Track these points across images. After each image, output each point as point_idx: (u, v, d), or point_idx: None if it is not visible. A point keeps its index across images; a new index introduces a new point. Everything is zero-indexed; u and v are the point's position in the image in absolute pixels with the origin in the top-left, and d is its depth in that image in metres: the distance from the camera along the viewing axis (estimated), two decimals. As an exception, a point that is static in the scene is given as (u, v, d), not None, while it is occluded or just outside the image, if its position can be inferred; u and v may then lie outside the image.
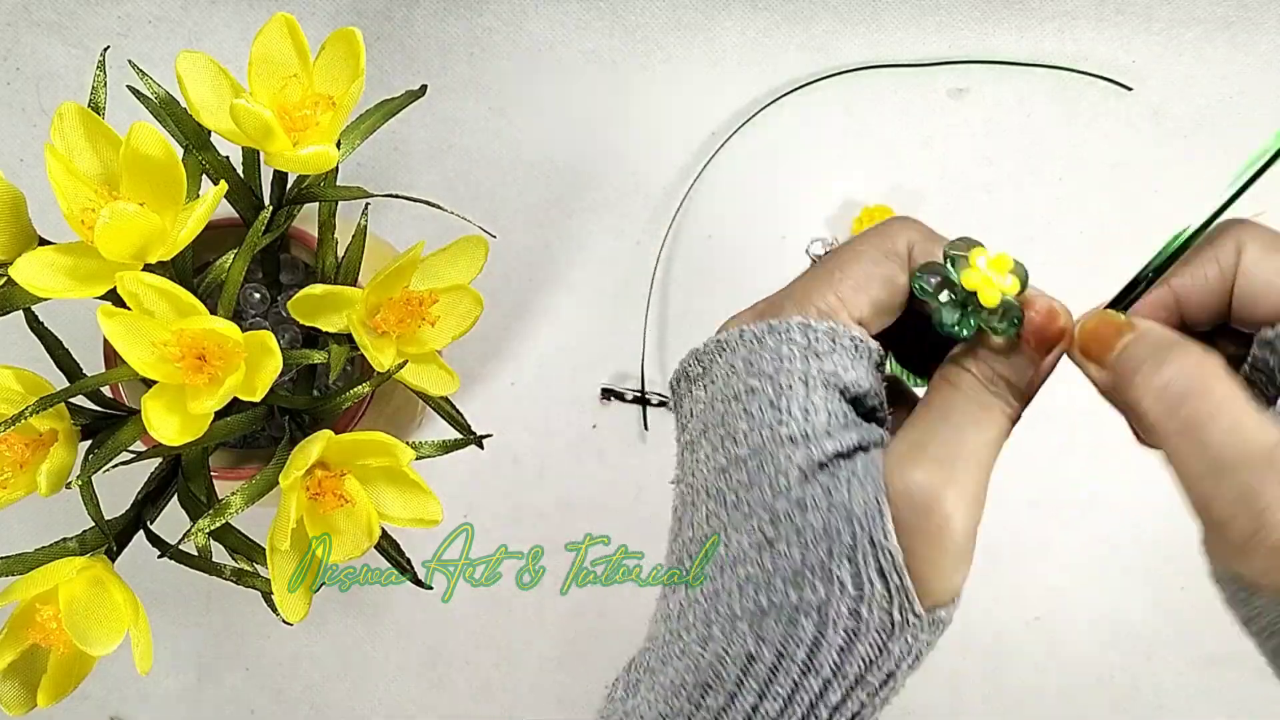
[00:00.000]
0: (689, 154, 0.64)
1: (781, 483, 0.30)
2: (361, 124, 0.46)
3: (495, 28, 0.64)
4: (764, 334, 0.31)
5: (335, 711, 0.63)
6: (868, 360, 0.32)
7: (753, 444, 0.30)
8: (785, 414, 0.30)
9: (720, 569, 0.31)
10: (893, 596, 0.29)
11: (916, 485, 0.29)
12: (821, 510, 0.29)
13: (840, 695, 0.29)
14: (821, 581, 0.29)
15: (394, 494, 0.42)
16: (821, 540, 0.29)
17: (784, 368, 0.31)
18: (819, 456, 0.30)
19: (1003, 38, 0.63)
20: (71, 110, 0.39)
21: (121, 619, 0.39)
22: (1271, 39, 0.63)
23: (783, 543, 0.29)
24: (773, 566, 0.29)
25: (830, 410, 0.30)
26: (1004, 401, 0.31)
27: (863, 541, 0.29)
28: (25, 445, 0.40)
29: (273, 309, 0.50)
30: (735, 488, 0.30)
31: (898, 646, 0.29)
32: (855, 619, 0.29)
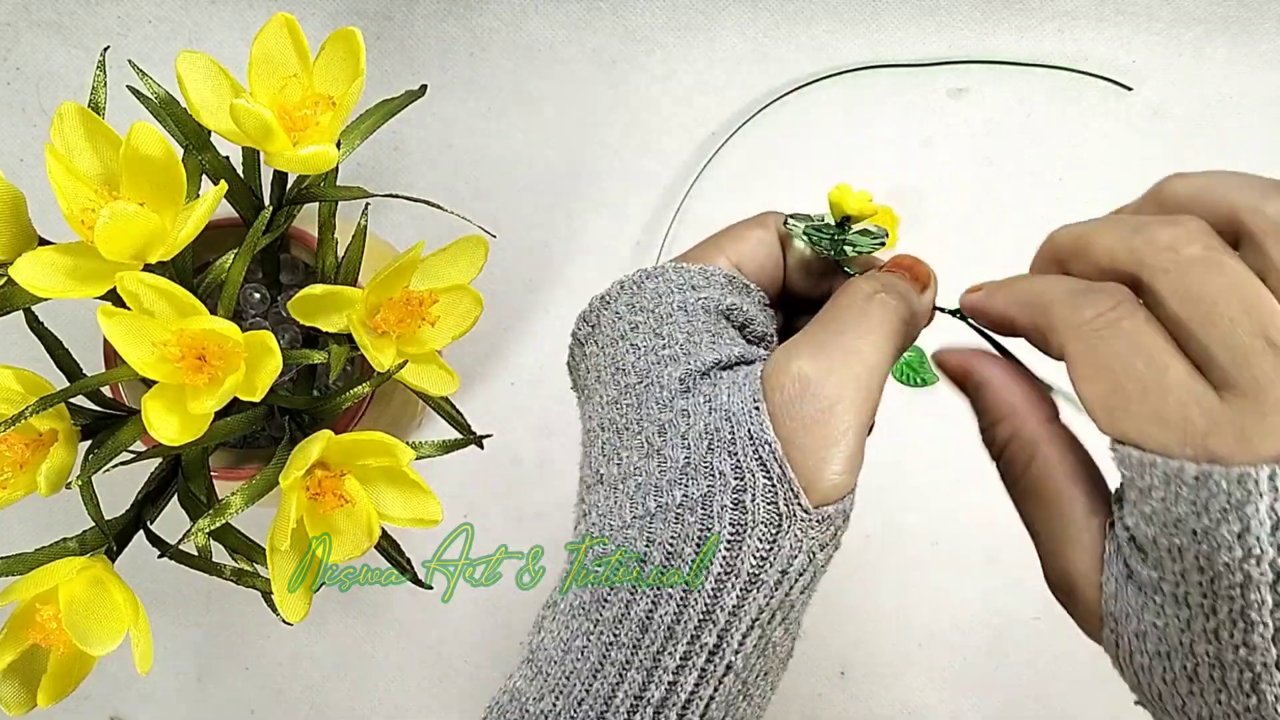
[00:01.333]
0: (689, 154, 0.64)
1: (664, 396, 0.31)
2: (361, 124, 0.46)
3: (495, 28, 0.64)
4: (642, 279, 0.33)
5: (335, 711, 0.63)
6: (748, 296, 0.34)
7: (639, 369, 0.32)
8: (667, 338, 0.32)
9: (611, 487, 0.31)
10: (775, 487, 0.29)
11: (796, 372, 0.30)
12: (702, 414, 0.30)
13: (737, 595, 0.29)
14: (704, 476, 0.29)
15: (394, 494, 0.42)
16: (702, 440, 0.30)
17: (662, 301, 0.32)
18: (699, 366, 0.31)
19: (1003, 38, 0.63)
20: (71, 110, 0.39)
21: (121, 619, 0.39)
22: (1271, 39, 0.63)
23: (668, 448, 0.30)
24: (659, 470, 0.30)
25: (712, 330, 0.32)
26: (894, 302, 0.32)
27: (741, 434, 0.30)
28: (25, 445, 0.40)
29: (273, 309, 0.50)
30: (625, 412, 0.32)
31: (787, 541, 0.29)
32: (739, 510, 0.29)
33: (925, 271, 0.35)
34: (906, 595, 0.62)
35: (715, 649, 0.29)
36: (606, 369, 0.33)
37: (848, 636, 0.61)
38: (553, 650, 0.30)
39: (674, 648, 0.29)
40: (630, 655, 0.29)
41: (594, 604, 0.30)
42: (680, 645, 0.29)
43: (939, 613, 0.61)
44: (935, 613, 0.61)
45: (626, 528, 0.30)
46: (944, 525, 0.61)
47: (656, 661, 0.29)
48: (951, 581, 0.61)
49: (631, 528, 0.30)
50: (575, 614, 0.30)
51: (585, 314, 0.35)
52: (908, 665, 0.62)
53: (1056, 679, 0.61)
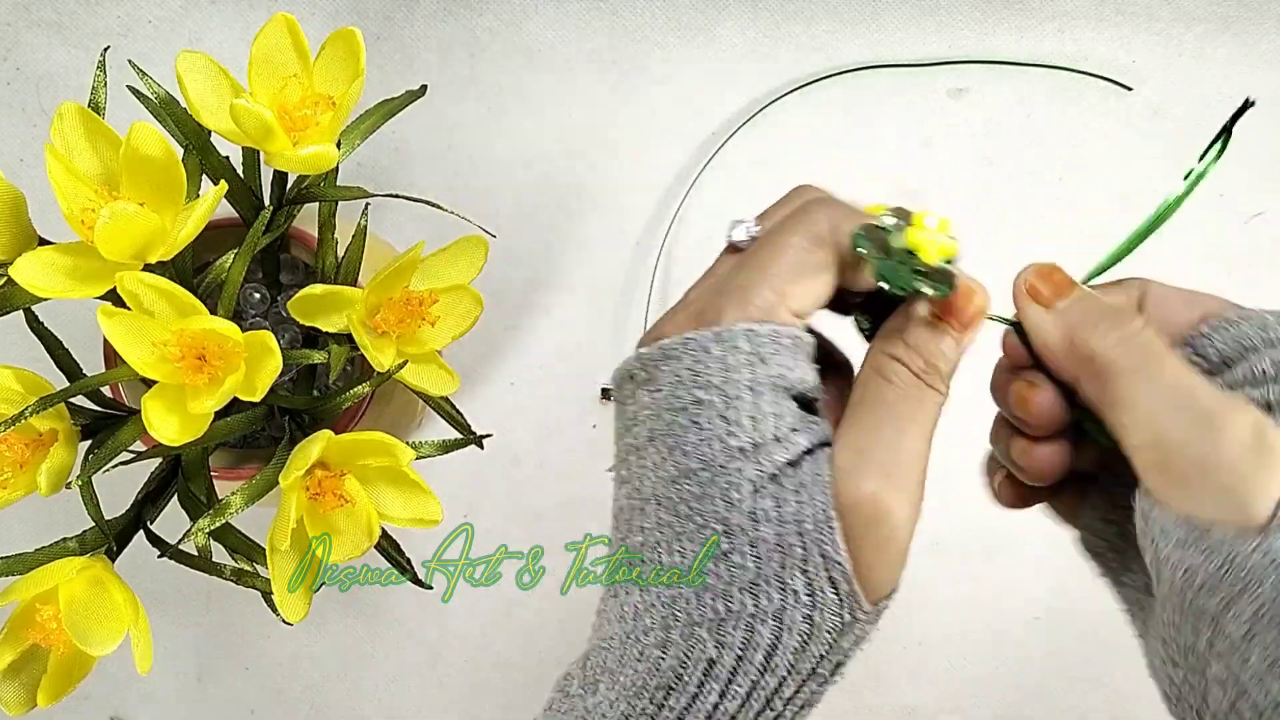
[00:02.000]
0: (689, 154, 0.64)
1: (734, 496, 0.31)
2: (361, 124, 0.46)
3: (495, 28, 0.64)
4: (709, 343, 0.32)
5: (335, 711, 0.63)
6: (807, 354, 0.33)
7: (703, 456, 0.31)
8: (734, 425, 0.31)
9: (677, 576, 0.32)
10: (843, 601, 0.30)
11: (866, 497, 0.31)
12: (773, 523, 0.30)
13: (794, 688, 0.31)
14: (777, 591, 0.30)
15: (394, 494, 0.42)
16: (775, 553, 0.30)
17: (731, 378, 0.31)
18: (770, 469, 0.31)
19: (1003, 38, 0.63)
20: (71, 110, 0.39)
21: (121, 619, 0.39)
22: (1271, 39, 0.63)
23: (737, 554, 0.31)
24: (729, 576, 0.31)
25: (778, 414, 0.31)
26: (935, 392, 0.32)
27: (814, 554, 0.30)
28: (25, 445, 0.40)
29: (273, 309, 0.50)
30: (686, 498, 0.31)
31: (847, 641, 0.31)
32: (809, 624, 0.30)
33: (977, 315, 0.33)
34: (906, 595, 0.61)
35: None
36: (663, 438, 0.32)
37: (848, 636, 0.61)
38: None
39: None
40: None
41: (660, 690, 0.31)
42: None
43: (939, 613, 0.61)
44: (935, 613, 0.61)
45: (695, 625, 0.31)
46: (944, 525, 0.61)
47: None
48: (951, 581, 0.61)
49: (701, 627, 0.31)
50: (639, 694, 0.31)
51: (644, 357, 0.33)
52: (908, 665, 0.62)
53: (1056, 679, 0.61)
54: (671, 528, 0.32)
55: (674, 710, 0.31)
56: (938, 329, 0.33)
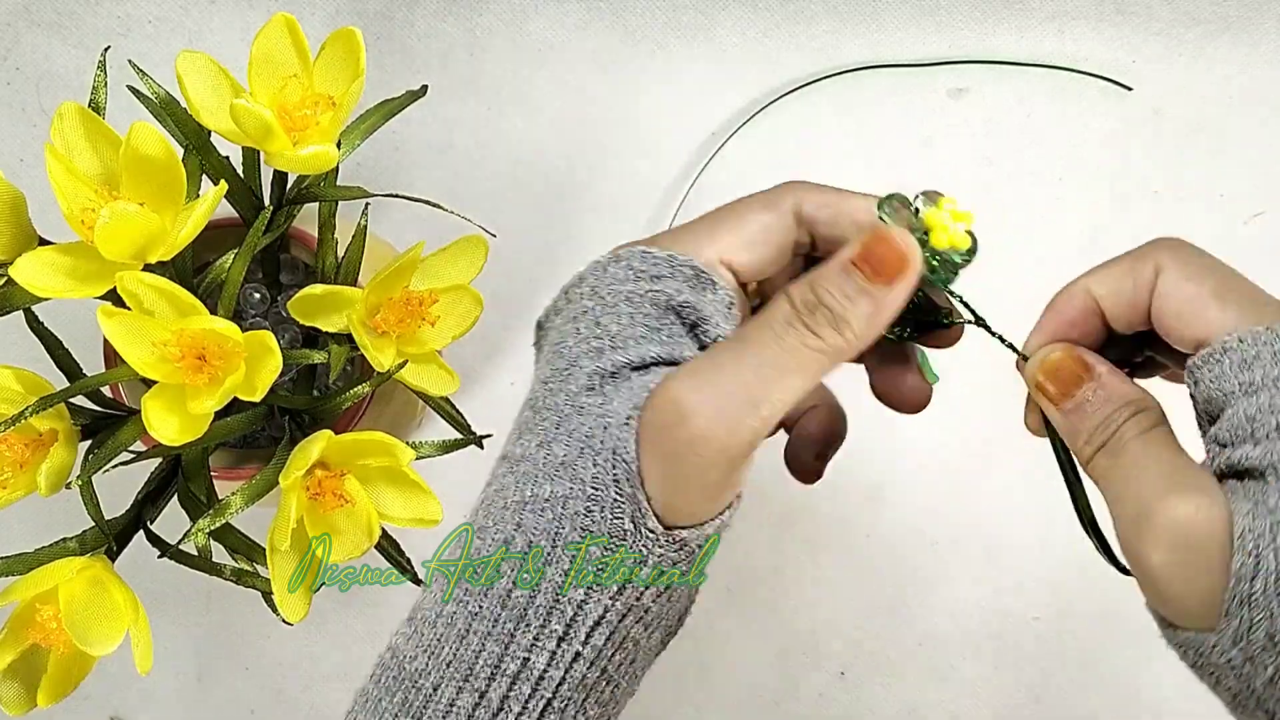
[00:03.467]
0: (689, 154, 0.64)
1: (573, 389, 0.32)
2: (361, 124, 0.46)
3: (495, 28, 0.64)
4: (609, 262, 0.33)
5: (335, 711, 0.63)
6: (711, 293, 0.33)
7: (569, 356, 0.32)
8: (602, 329, 0.32)
9: (509, 466, 0.33)
10: (623, 504, 0.30)
11: (672, 397, 0.30)
12: (590, 416, 0.31)
13: (581, 593, 0.31)
14: (569, 479, 0.31)
15: (394, 494, 0.42)
16: (578, 442, 0.31)
17: (614, 289, 0.32)
18: (608, 367, 0.31)
19: (1003, 38, 0.63)
20: (71, 110, 0.39)
21: (121, 619, 0.39)
22: (1271, 39, 0.63)
23: (555, 442, 0.31)
24: (544, 463, 0.31)
25: (651, 326, 0.32)
26: (808, 332, 0.30)
27: (607, 447, 0.30)
28: (25, 445, 0.40)
29: (273, 309, 0.50)
30: (544, 396, 0.32)
31: (631, 557, 0.31)
32: (589, 517, 0.30)
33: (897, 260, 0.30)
34: (906, 595, 0.61)
35: (563, 637, 0.31)
36: (551, 347, 0.33)
37: (848, 636, 0.61)
38: (429, 612, 0.33)
39: (526, 628, 0.31)
40: (490, 628, 0.31)
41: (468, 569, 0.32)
42: (532, 628, 0.31)
43: (939, 613, 0.61)
44: (935, 613, 0.61)
45: (505, 508, 0.32)
46: (944, 525, 0.61)
47: (512, 637, 0.31)
48: (951, 581, 0.61)
49: (509, 509, 0.32)
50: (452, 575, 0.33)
51: (566, 286, 0.35)
52: (908, 665, 0.62)
53: (1056, 679, 0.61)
54: (527, 424, 0.33)
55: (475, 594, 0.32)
56: (843, 270, 0.30)
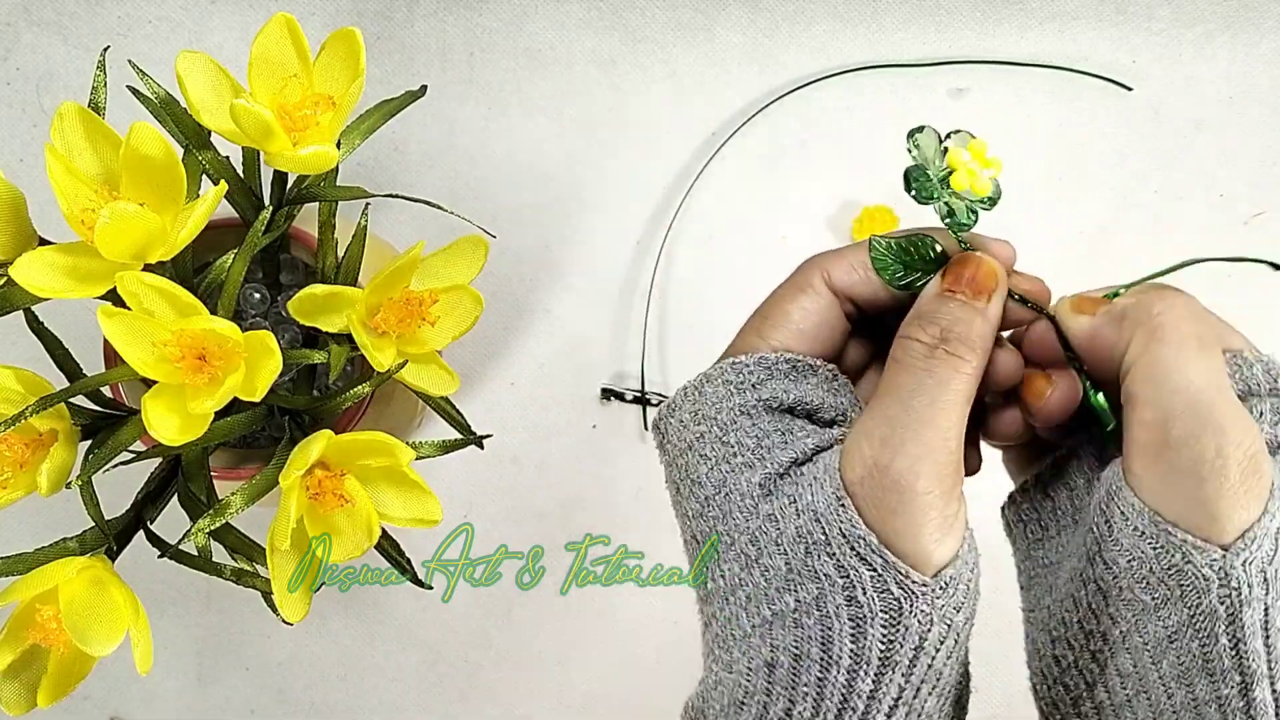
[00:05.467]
0: (689, 154, 0.64)
1: (748, 504, 0.31)
2: (361, 124, 0.46)
3: (495, 28, 0.64)
4: (701, 384, 0.33)
5: (335, 711, 0.63)
6: (814, 377, 0.33)
7: (714, 481, 0.32)
8: (735, 445, 0.32)
9: (724, 600, 0.32)
10: (882, 575, 0.29)
11: (865, 464, 0.30)
12: (790, 517, 0.30)
13: (871, 681, 0.30)
14: (809, 580, 0.30)
15: (394, 494, 0.42)
16: (798, 544, 0.30)
17: (723, 406, 0.32)
18: (775, 469, 0.31)
19: (1003, 38, 0.63)
20: (71, 110, 0.39)
21: (121, 619, 0.39)
22: (1272, 39, 0.63)
23: (765, 556, 0.31)
24: (764, 580, 0.31)
25: (780, 429, 0.32)
26: (954, 358, 0.31)
27: (834, 534, 0.30)
28: (25, 445, 0.40)
29: (273, 309, 0.50)
30: (712, 524, 0.32)
31: (914, 620, 0.30)
32: (854, 605, 0.30)
33: (987, 277, 0.33)
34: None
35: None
36: (684, 483, 0.33)
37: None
38: None
39: None
40: None
41: (732, 707, 0.31)
42: None
43: (939, 613, 0.61)
44: (935, 613, 0.61)
45: (748, 637, 0.31)
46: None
47: None
48: (951, 581, 0.61)
49: (753, 636, 0.31)
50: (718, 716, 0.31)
51: (656, 422, 0.35)
52: (908, 665, 0.62)
53: (1056, 679, 0.61)
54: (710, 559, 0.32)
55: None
56: (948, 298, 0.32)
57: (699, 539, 0.33)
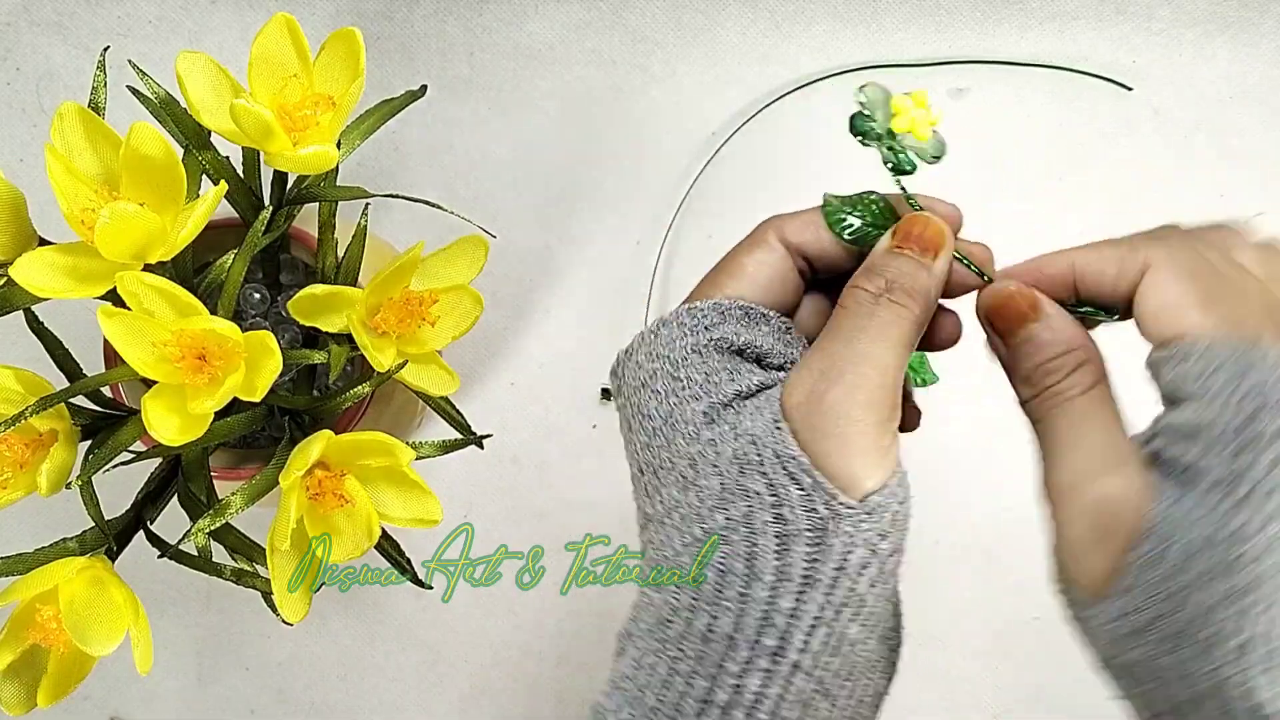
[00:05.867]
0: (689, 154, 0.64)
1: (690, 430, 0.32)
2: (361, 124, 0.46)
3: (495, 28, 0.64)
4: (658, 327, 0.34)
5: (335, 711, 0.63)
6: (766, 325, 0.34)
7: (662, 413, 0.33)
8: (684, 380, 0.33)
9: (659, 523, 0.33)
10: (810, 495, 0.30)
11: (803, 392, 0.31)
12: (729, 441, 0.31)
13: (793, 599, 0.30)
14: (740, 499, 0.31)
15: (394, 494, 0.42)
16: (733, 465, 0.31)
17: (676, 344, 0.34)
18: (720, 399, 0.32)
19: (1003, 38, 0.63)
20: (71, 110, 0.39)
21: (121, 619, 0.39)
22: (1271, 39, 0.63)
23: (702, 478, 0.32)
24: (699, 500, 0.31)
25: (729, 367, 0.33)
26: (896, 305, 0.33)
27: (767, 454, 0.31)
28: (25, 445, 0.40)
29: (273, 309, 0.50)
30: (657, 453, 0.33)
31: (838, 540, 0.30)
32: (781, 522, 0.30)
33: (935, 236, 0.34)
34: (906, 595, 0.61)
35: (777, 650, 0.30)
36: (635, 418, 0.34)
37: (848, 636, 0.61)
38: (627, 669, 0.32)
39: (735, 653, 0.30)
40: (695, 665, 0.31)
41: (658, 625, 0.32)
42: (741, 650, 0.30)
43: (939, 613, 0.61)
44: (935, 613, 0.61)
45: (679, 555, 0.32)
46: (944, 525, 0.61)
47: (720, 668, 0.30)
48: (951, 581, 0.61)
49: (683, 555, 0.31)
50: (644, 636, 0.32)
51: (612, 368, 0.36)
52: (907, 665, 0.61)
53: (1056, 679, 0.61)
54: (652, 484, 0.33)
55: (671, 639, 0.31)
56: (898, 254, 0.34)
57: (643, 471, 0.34)
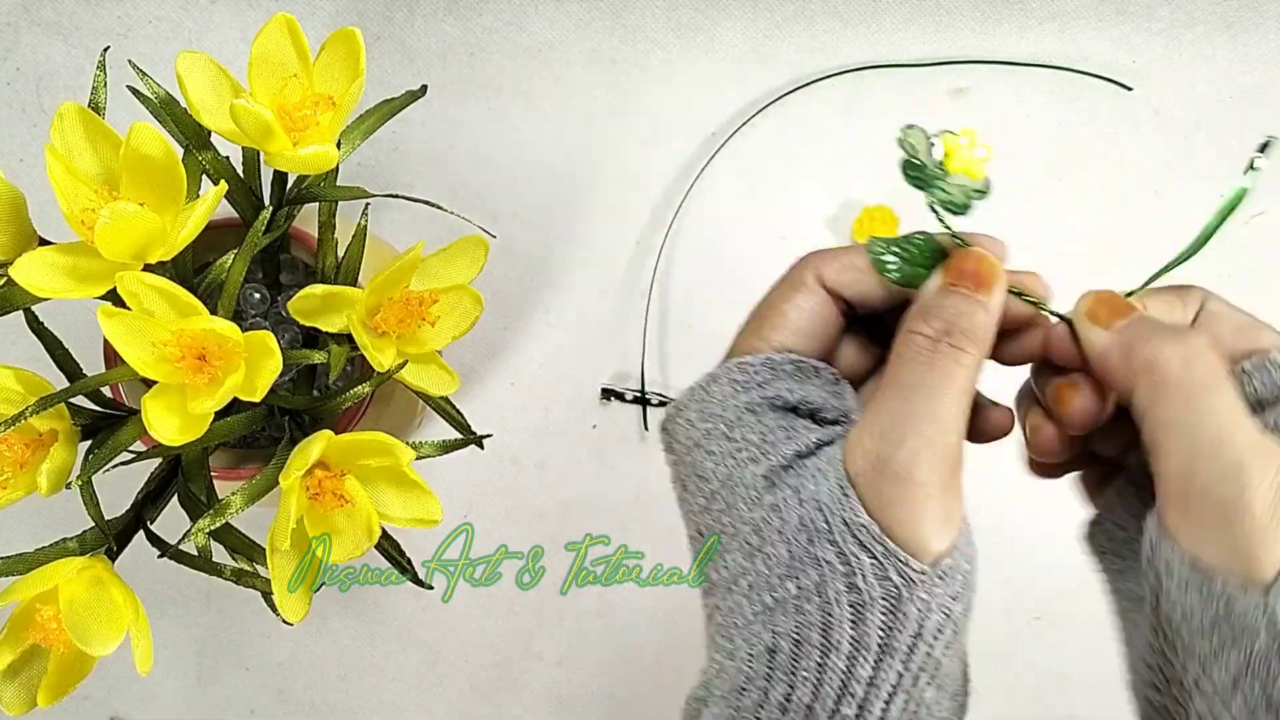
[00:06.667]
0: (689, 154, 0.64)
1: (752, 495, 0.32)
2: (361, 124, 0.46)
3: (495, 28, 0.64)
4: (708, 383, 0.34)
5: (335, 711, 0.63)
6: (817, 379, 0.34)
7: (720, 476, 0.32)
8: (740, 441, 0.32)
9: (726, 589, 0.32)
10: (882, 563, 0.30)
11: (868, 456, 0.31)
12: (794, 507, 0.31)
13: (870, 668, 0.30)
14: (811, 567, 0.30)
15: (394, 494, 0.42)
16: (800, 532, 0.31)
17: (729, 404, 0.33)
18: (779, 461, 0.32)
19: (1003, 38, 0.63)
20: (71, 110, 0.39)
21: (121, 619, 0.39)
22: (1271, 39, 0.63)
23: (768, 545, 0.31)
24: (766, 569, 0.31)
25: (784, 425, 0.32)
26: (956, 350, 0.32)
27: (836, 523, 0.30)
28: (25, 445, 0.40)
29: (273, 309, 0.50)
30: (717, 517, 0.32)
31: (913, 608, 0.30)
32: (854, 592, 0.30)
33: (989, 271, 0.34)
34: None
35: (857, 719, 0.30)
36: (690, 479, 0.34)
37: (848, 636, 0.61)
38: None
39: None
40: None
41: (733, 693, 0.31)
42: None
43: (939, 613, 0.61)
44: (935, 613, 0.61)
45: (750, 624, 0.31)
46: (944, 525, 0.61)
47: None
48: (951, 581, 0.61)
49: (755, 623, 0.31)
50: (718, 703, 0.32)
51: (664, 423, 0.35)
52: (908, 665, 0.62)
53: (1056, 679, 0.61)
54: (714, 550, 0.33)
55: (748, 709, 0.31)
56: (951, 292, 0.33)
57: (703, 534, 0.33)
